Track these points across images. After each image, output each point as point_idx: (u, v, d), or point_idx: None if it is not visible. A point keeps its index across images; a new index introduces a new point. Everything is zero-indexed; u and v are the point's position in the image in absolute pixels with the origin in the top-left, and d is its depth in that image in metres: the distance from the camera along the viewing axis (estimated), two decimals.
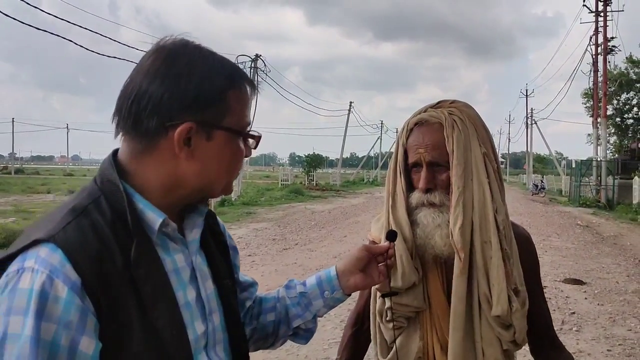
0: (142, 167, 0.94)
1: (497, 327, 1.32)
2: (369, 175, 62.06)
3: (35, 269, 0.80)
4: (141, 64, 0.95)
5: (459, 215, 1.31)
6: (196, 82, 0.93)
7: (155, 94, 0.91)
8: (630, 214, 20.25)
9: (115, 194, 0.91)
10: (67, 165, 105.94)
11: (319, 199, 27.58)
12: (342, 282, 1.23)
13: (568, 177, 35.43)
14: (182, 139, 0.92)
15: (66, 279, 0.80)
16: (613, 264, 10.14)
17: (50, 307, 0.78)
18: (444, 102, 1.42)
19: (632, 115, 37.58)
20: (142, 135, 0.92)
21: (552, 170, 62.34)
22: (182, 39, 0.97)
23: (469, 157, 1.34)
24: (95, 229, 0.86)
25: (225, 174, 1.00)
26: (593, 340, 5.73)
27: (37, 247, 0.82)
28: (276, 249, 11.01)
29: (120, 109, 0.94)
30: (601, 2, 28.77)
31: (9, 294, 0.79)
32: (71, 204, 0.90)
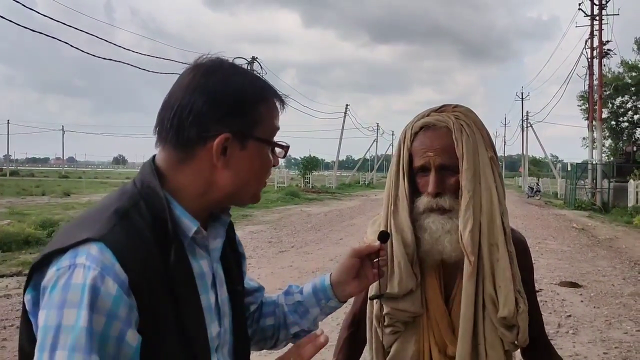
0: (179, 174, 1.01)
1: (500, 328, 1.33)
2: (364, 177, 62.12)
3: (87, 265, 0.85)
4: (181, 80, 1.02)
5: (469, 219, 1.31)
6: (231, 95, 1.00)
7: (196, 107, 0.98)
8: (626, 216, 20.31)
9: (154, 199, 0.97)
10: (63, 168, 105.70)
11: (315, 202, 27.59)
12: (337, 292, 1.27)
13: (564, 180, 35.56)
14: (219, 149, 0.99)
15: (116, 276, 0.86)
16: (609, 267, 10.16)
17: (101, 301, 0.84)
18: (447, 107, 1.42)
19: (627, 118, 37.70)
20: (183, 145, 0.99)
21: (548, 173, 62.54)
22: (218, 57, 1.05)
23: (477, 162, 1.34)
24: (138, 232, 0.93)
25: (255, 182, 1.07)
26: (589, 343, 5.72)
27: (87, 245, 0.88)
28: (272, 252, 10.99)
29: (163, 120, 1.01)
30: (597, 6, 28.91)
31: (62, 288, 0.84)
32: (113, 205, 0.95)
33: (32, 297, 0.90)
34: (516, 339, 1.35)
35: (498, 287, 1.32)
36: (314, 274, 8.70)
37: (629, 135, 37.25)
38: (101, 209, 0.97)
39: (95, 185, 41.80)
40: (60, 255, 0.88)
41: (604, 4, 28.76)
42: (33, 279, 0.90)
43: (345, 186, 47.73)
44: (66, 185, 38.94)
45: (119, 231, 0.91)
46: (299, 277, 8.40)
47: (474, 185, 1.32)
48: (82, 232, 0.90)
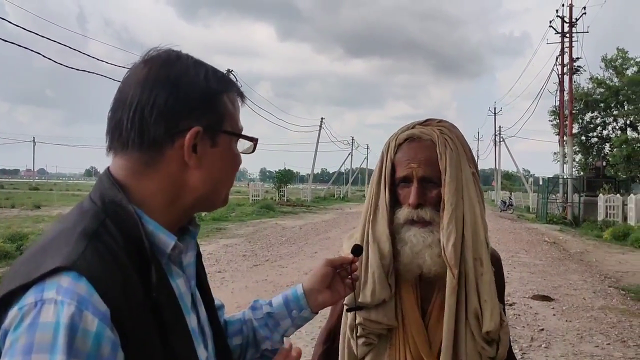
0: (144, 182, 0.90)
1: (481, 342, 1.32)
2: (339, 191, 62.25)
3: (58, 300, 0.73)
4: (134, 75, 0.91)
5: (451, 232, 1.30)
6: (196, 85, 0.91)
7: (159, 102, 0.88)
8: (596, 230, 20.71)
9: (123, 216, 0.86)
10: (33, 179, 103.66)
11: (290, 215, 27.51)
12: (310, 301, 1.21)
13: (535, 194, 36.12)
14: (190, 146, 0.89)
15: (95, 310, 0.74)
16: (580, 281, 10.30)
17: (79, 342, 0.71)
18: (432, 121, 1.42)
19: (597, 134, 38.62)
20: (148, 146, 0.88)
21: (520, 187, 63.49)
22: (170, 49, 0.95)
23: (460, 176, 1.33)
24: (111, 254, 0.81)
25: (227, 181, 0.98)
26: (562, 357, 5.77)
27: (56, 276, 0.75)
28: (247, 265, 10.89)
29: (119, 122, 0.89)
30: (567, 24, 29.63)
31: (27, 329, 0.71)
32: (77, 227, 0.83)
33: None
34: (495, 354, 1.34)
35: (484, 301, 1.31)
36: (289, 288, 8.64)
37: (598, 150, 38.14)
38: (63, 232, 0.84)
39: (67, 198, 41.02)
40: (23, 292, 0.75)
41: (574, 22, 29.50)
42: None
43: (320, 199, 47.77)
44: (37, 198, 38.13)
45: (90, 255, 0.78)
46: (274, 291, 8.33)
47: (456, 199, 1.32)
48: (46, 261, 0.77)
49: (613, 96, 35.46)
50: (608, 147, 37.66)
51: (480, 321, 1.31)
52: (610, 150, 36.47)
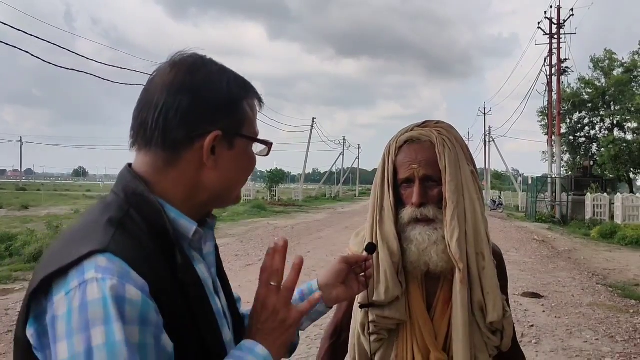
0: (164, 178, 0.95)
1: (487, 332, 1.39)
2: (331, 190, 62.24)
3: (99, 277, 0.78)
4: (161, 78, 0.96)
5: (455, 229, 1.36)
6: (218, 92, 0.97)
7: (183, 106, 0.93)
8: (583, 229, 20.91)
9: (146, 205, 0.91)
10: (20, 180, 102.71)
11: (282, 215, 27.51)
12: (325, 296, 1.26)
13: (525, 194, 36.37)
14: (209, 148, 0.95)
15: (135, 283, 0.80)
16: (568, 278, 10.43)
17: (128, 310, 0.77)
18: (430, 122, 1.48)
19: (584, 134, 38.93)
20: (170, 146, 0.94)
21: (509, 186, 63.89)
22: (196, 54, 1.01)
23: (460, 174, 1.39)
24: (138, 239, 0.87)
25: (241, 181, 1.04)
26: (552, 352, 5.87)
27: (92, 258, 0.80)
28: (239, 265, 10.91)
29: (144, 122, 0.95)
30: (555, 25, 29.87)
31: (79, 310, 0.76)
32: (104, 217, 0.89)
33: (35, 330, 0.82)
34: (500, 343, 1.41)
35: (487, 293, 1.38)
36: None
37: (586, 150, 38.42)
38: (90, 222, 0.90)
39: (55, 198, 40.72)
40: (62, 277, 0.80)
41: (562, 24, 29.75)
42: (32, 310, 0.82)
43: (312, 199, 47.74)
44: (24, 198, 37.83)
45: (120, 239, 0.84)
46: None
47: (457, 197, 1.38)
48: (80, 247, 0.83)
49: (600, 96, 35.76)
50: (595, 147, 37.97)
51: (485, 312, 1.38)
52: (597, 150, 36.76)
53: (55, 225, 14.63)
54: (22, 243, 11.73)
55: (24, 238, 12.16)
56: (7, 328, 6.35)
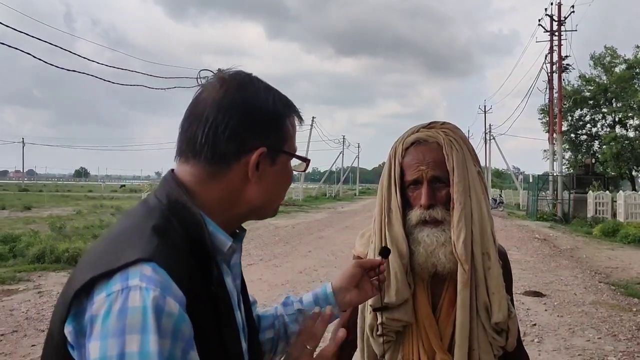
0: (208, 189, 0.98)
1: (492, 333, 1.39)
2: (331, 190, 62.26)
3: (143, 287, 0.80)
4: (210, 94, 1.00)
5: (461, 230, 1.37)
6: (265, 111, 1.01)
7: (232, 122, 0.97)
8: (585, 227, 20.92)
9: (187, 215, 0.94)
10: (22, 181, 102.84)
11: (283, 214, 27.52)
12: (338, 299, 1.29)
13: (525, 192, 36.35)
14: (254, 164, 0.98)
15: (175, 296, 0.82)
16: (571, 277, 10.44)
17: (166, 323, 0.79)
18: (436, 124, 1.48)
19: (586, 131, 38.91)
20: (216, 160, 0.97)
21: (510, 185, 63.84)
22: (243, 72, 1.05)
23: (467, 175, 1.40)
24: (179, 250, 0.89)
25: (280, 196, 1.08)
26: (554, 351, 5.88)
27: (138, 266, 0.83)
28: None
29: (194, 136, 0.98)
30: (556, 22, 29.84)
31: (119, 313, 0.79)
32: (148, 223, 0.91)
33: (73, 328, 0.83)
34: (505, 343, 1.42)
35: (492, 293, 1.38)
36: (283, 287, 8.69)
37: (588, 147, 38.41)
38: (135, 227, 0.93)
39: (57, 199, 40.79)
40: (106, 280, 0.82)
41: (562, 21, 29.71)
42: (73, 308, 0.84)
43: (312, 199, 47.78)
44: (27, 199, 37.91)
45: (164, 250, 0.87)
46: (268, 290, 8.39)
47: (464, 198, 1.38)
48: (125, 252, 0.85)
49: (602, 93, 35.75)
50: (597, 145, 37.97)
51: (490, 313, 1.38)
52: (599, 148, 36.76)
53: (58, 226, 14.68)
54: (25, 244, 11.78)
55: (27, 239, 12.21)
56: (12, 328, 6.37)
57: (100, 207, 30.23)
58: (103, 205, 31.81)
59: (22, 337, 6.06)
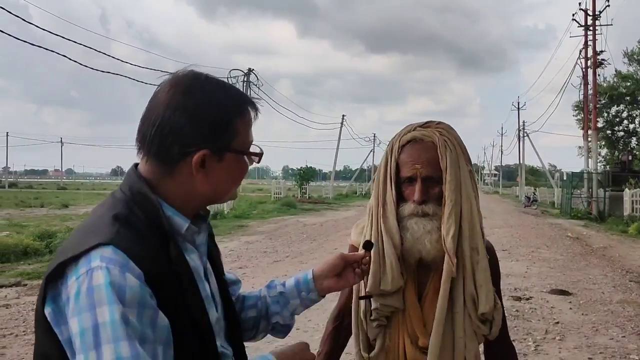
0: (163, 184, 1.08)
1: (477, 322, 1.49)
2: (361, 188, 62.14)
3: (103, 266, 0.92)
4: (160, 96, 1.09)
5: (451, 225, 1.46)
6: (210, 113, 1.08)
7: (176, 125, 1.05)
8: (621, 225, 20.42)
9: (147, 203, 1.05)
10: (61, 179, 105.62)
11: (312, 212, 27.67)
12: (317, 285, 1.39)
13: (560, 190, 35.66)
14: (197, 164, 1.07)
15: (133, 272, 0.94)
16: (600, 275, 10.27)
17: (128, 295, 0.91)
18: (431, 123, 1.57)
19: (622, 127, 37.99)
20: (163, 160, 1.07)
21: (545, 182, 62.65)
22: (194, 72, 1.12)
23: (459, 174, 1.49)
24: (139, 233, 1.01)
25: (233, 185, 1.17)
26: (575, 349, 5.84)
27: (98, 249, 0.95)
28: (267, 262, 11.09)
29: (145, 135, 1.07)
30: (590, 17, 29.17)
31: (86, 292, 0.91)
32: (110, 212, 1.03)
33: (52, 309, 0.96)
34: (489, 332, 1.51)
35: (479, 286, 1.48)
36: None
37: (625, 144, 37.50)
38: (100, 217, 1.04)
39: (93, 197, 41.82)
40: (74, 264, 0.95)
41: (597, 15, 29.03)
42: (49, 292, 0.96)
43: (342, 196, 47.81)
44: (64, 197, 39.02)
45: (123, 234, 0.98)
46: None
47: (456, 195, 1.47)
48: (89, 239, 0.97)
49: (639, 89, 34.82)
50: (635, 141, 37.03)
51: (476, 304, 1.48)
52: (637, 144, 35.86)
53: None
54: (61, 240, 12.16)
55: (63, 235, 12.61)
56: None
57: None
58: None
59: None
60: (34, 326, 1.05)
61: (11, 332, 6.13)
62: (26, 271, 9.84)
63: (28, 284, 8.88)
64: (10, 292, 8.27)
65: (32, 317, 6.65)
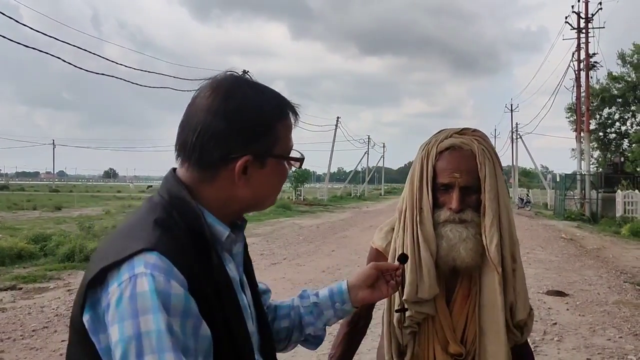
0: (203, 190, 1.05)
1: (513, 329, 1.51)
2: (356, 189, 62.19)
3: (147, 273, 0.89)
4: (201, 101, 1.05)
5: (494, 235, 1.47)
6: (252, 119, 1.05)
7: (217, 130, 1.02)
8: (614, 227, 20.57)
9: (186, 209, 1.02)
10: (53, 182, 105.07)
11: (307, 214, 27.69)
12: (352, 296, 1.36)
13: (553, 191, 35.83)
14: (240, 170, 1.04)
15: (178, 279, 0.91)
16: (595, 276, 10.33)
17: (173, 303, 0.88)
18: (467, 130, 1.58)
19: (615, 129, 38.22)
20: (205, 166, 1.04)
21: (538, 184, 62.91)
22: (235, 76, 1.09)
23: (497, 184, 1.50)
24: (179, 240, 0.97)
25: (273, 192, 1.14)
26: (573, 349, 5.87)
27: (142, 255, 0.91)
28: (264, 264, 11.08)
29: (185, 141, 1.05)
30: (583, 19, 29.38)
31: (129, 299, 0.87)
32: (151, 216, 1.00)
33: (90, 317, 0.92)
34: (521, 337, 1.54)
35: (517, 293, 1.50)
36: (307, 286, 8.78)
37: (617, 146, 37.73)
38: (139, 221, 1.01)
39: (87, 199, 41.63)
40: (116, 270, 0.91)
41: (590, 18, 29.24)
42: (88, 298, 0.93)
43: (337, 198, 47.82)
44: (57, 200, 38.76)
45: (165, 240, 0.95)
46: (292, 289, 8.49)
47: (496, 205, 1.49)
48: (131, 244, 0.94)
49: (631, 91, 35.07)
50: (627, 143, 37.25)
51: (513, 311, 1.50)
52: (629, 146, 36.08)
53: (87, 226, 15.04)
54: (56, 243, 12.10)
55: (57, 238, 12.54)
56: (43, 324, 6.61)
57: (129, 207, 30.78)
58: (131, 205, 32.38)
59: (53, 333, 6.28)
60: (69, 333, 1.01)
61: (9, 337, 6.09)
62: (21, 275, 9.77)
63: (24, 288, 8.81)
64: (6, 296, 8.21)
65: (29, 321, 6.71)
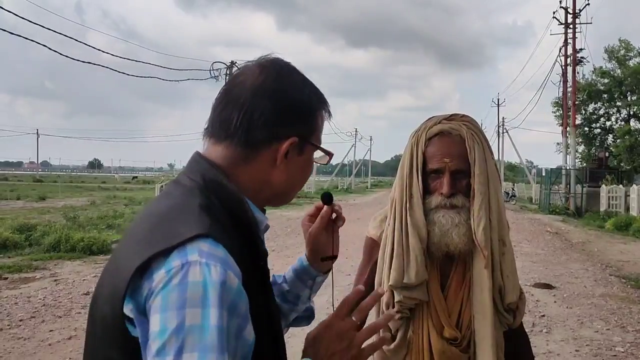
0: (240, 171, 1.00)
1: (503, 312, 1.51)
2: (343, 182, 62.26)
3: (203, 262, 0.81)
4: (250, 80, 1.02)
5: (482, 218, 1.46)
6: (301, 102, 1.03)
7: (268, 110, 0.99)
8: (598, 221, 20.80)
9: (226, 194, 0.96)
10: (37, 172, 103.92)
11: (294, 206, 27.63)
12: (316, 267, 1.30)
13: (538, 185, 36.17)
14: (285, 151, 1.00)
15: (235, 271, 0.84)
16: (581, 269, 10.45)
17: (226, 297, 0.80)
18: (456, 116, 1.57)
19: (600, 125, 38.60)
20: (249, 144, 0.99)
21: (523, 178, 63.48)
22: (283, 61, 1.08)
23: (486, 167, 1.49)
24: (226, 227, 0.91)
25: (301, 182, 1.10)
26: (562, 341, 5.93)
27: (196, 242, 0.83)
28: None
29: (229, 119, 1.00)
30: (570, 15, 29.55)
31: (178, 287, 0.79)
32: (194, 200, 0.93)
33: (133, 306, 0.83)
34: (513, 321, 1.54)
35: (506, 276, 1.50)
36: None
37: (602, 141, 38.12)
38: (180, 205, 0.93)
39: (71, 190, 41.26)
40: (164, 257, 0.83)
41: (577, 13, 29.42)
42: (130, 286, 0.83)
43: (323, 191, 47.69)
44: (41, 190, 38.35)
45: (215, 227, 0.88)
46: None
47: (485, 188, 1.48)
48: (180, 229, 0.86)
49: (617, 87, 35.42)
50: (611, 138, 37.66)
51: (503, 294, 1.50)
52: (613, 141, 36.49)
53: (72, 216, 14.90)
54: (41, 233, 11.99)
55: (42, 228, 12.42)
56: (30, 314, 6.54)
57: (114, 197, 30.57)
58: (116, 196, 32.16)
59: (40, 323, 6.22)
60: (88, 331, 0.94)
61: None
62: (6, 264, 9.64)
63: (9, 277, 8.71)
64: None
65: (16, 311, 6.63)
